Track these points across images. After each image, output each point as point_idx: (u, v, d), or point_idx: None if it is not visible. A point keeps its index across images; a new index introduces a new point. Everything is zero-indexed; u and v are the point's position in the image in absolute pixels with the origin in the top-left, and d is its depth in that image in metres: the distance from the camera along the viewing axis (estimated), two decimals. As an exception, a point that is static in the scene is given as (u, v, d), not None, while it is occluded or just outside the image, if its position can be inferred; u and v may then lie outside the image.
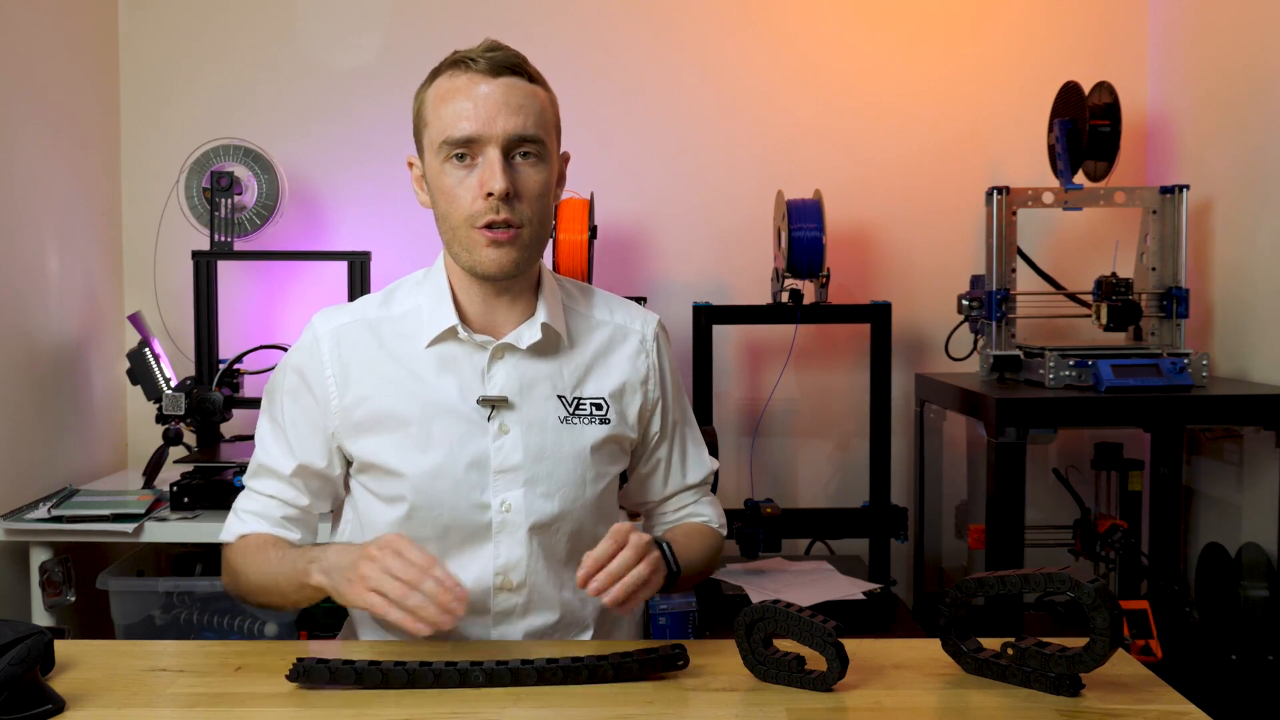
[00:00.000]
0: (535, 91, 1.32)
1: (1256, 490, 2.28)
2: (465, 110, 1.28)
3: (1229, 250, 2.43)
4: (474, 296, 1.37)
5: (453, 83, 1.30)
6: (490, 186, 1.27)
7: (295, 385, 1.40)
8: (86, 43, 2.56)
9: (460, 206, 1.30)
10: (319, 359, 1.38)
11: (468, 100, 1.28)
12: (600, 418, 1.39)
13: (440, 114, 1.30)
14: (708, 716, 1.09)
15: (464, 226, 1.30)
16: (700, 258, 2.73)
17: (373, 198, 2.70)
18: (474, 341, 1.36)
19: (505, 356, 1.37)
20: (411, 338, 1.38)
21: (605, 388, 1.40)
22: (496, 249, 1.29)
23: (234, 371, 2.44)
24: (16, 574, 2.18)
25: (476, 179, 1.28)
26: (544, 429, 1.36)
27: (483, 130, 1.27)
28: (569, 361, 1.40)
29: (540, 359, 1.38)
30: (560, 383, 1.38)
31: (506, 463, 1.35)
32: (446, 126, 1.28)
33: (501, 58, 1.30)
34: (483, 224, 1.29)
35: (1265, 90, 2.28)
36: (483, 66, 1.29)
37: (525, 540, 1.36)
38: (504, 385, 1.36)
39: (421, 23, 2.70)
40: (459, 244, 1.32)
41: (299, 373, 1.40)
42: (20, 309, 2.25)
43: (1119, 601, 1.28)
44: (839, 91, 2.72)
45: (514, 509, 1.35)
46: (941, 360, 2.63)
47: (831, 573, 2.40)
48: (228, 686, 1.17)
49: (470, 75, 1.29)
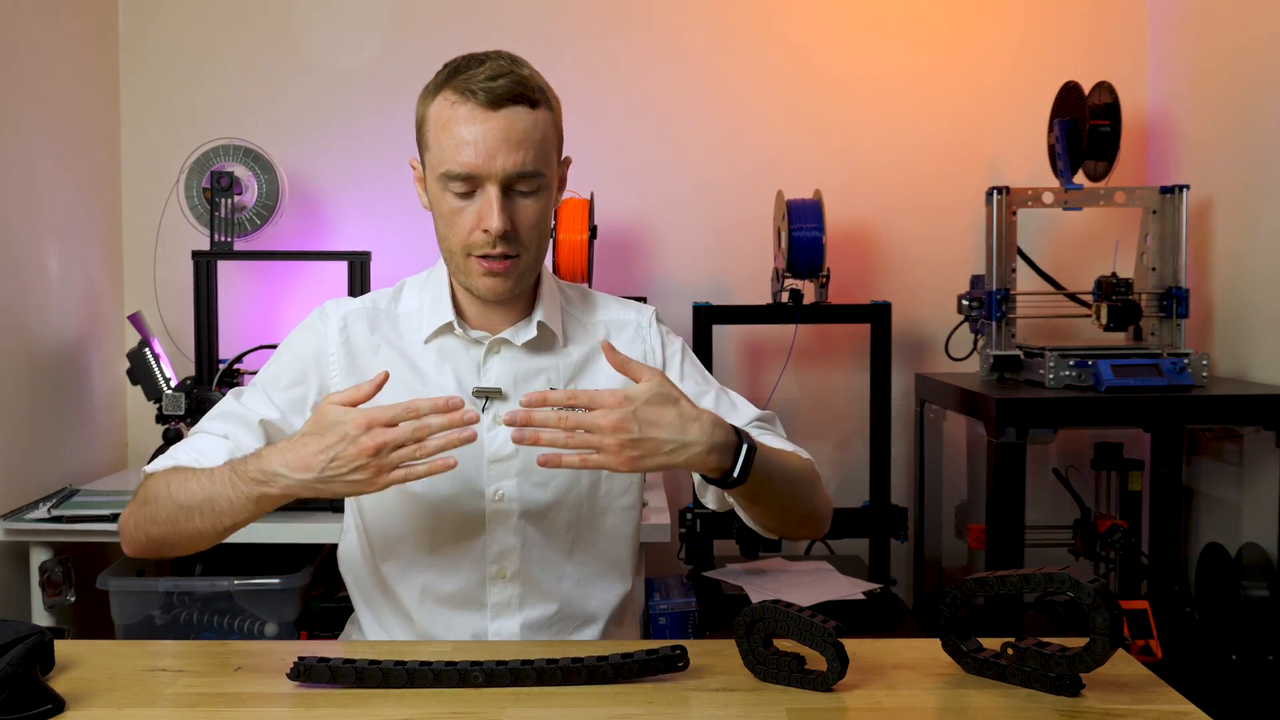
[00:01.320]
0: (537, 120, 1.29)
1: (1256, 490, 2.28)
2: (465, 146, 1.26)
3: (1229, 250, 2.43)
4: (472, 299, 1.39)
5: (454, 113, 1.28)
6: (487, 224, 1.28)
7: (295, 357, 1.40)
8: (86, 43, 2.56)
9: (458, 233, 1.31)
10: (326, 337, 1.40)
11: (468, 135, 1.26)
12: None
13: (440, 143, 1.29)
14: (708, 716, 1.09)
15: (460, 253, 1.32)
16: (700, 258, 2.73)
17: (373, 198, 2.70)
18: (470, 337, 1.38)
19: (501, 351, 1.39)
20: (413, 333, 1.41)
21: (601, 380, 1.41)
22: (493, 277, 1.31)
23: (234, 371, 2.44)
24: (16, 574, 2.18)
25: (475, 211, 1.29)
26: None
27: (481, 168, 1.27)
28: (565, 358, 1.42)
29: (536, 354, 1.40)
30: (555, 377, 1.40)
31: (500, 452, 1.36)
32: (446, 159, 1.28)
33: (503, 89, 1.26)
34: (480, 254, 1.30)
35: (1265, 90, 2.28)
36: (482, 100, 1.26)
37: (518, 529, 1.37)
38: (499, 378, 1.38)
39: (421, 23, 2.70)
40: (456, 266, 1.34)
41: (303, 346, 1.41)
42: (20, 309, 2.25)
43: (1119, 601, 1.27)
44: (839, 91, 2.72)
45: (507, 498, 1.36)
46: (941, 360, 2.63)
47: (831, 573, 2.40)
48: (228, 686, 1.17)
49: (470, 107, 1.26)
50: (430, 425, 1.15)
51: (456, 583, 1.38)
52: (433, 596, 1.38)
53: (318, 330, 1.41)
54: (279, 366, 1.41)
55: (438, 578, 1.38)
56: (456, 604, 1.38)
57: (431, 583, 1.38)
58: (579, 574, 1.42)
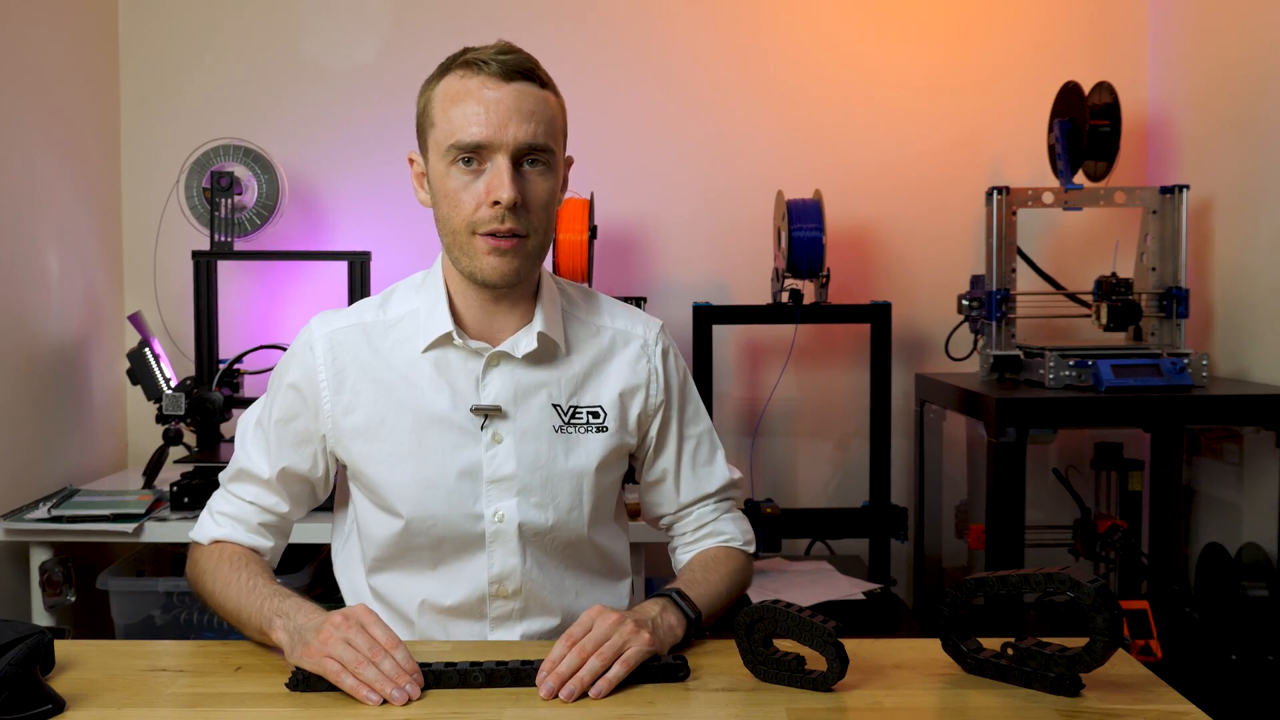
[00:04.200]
0: (546, 98, 1.28)
1: (1256, 490, 2.28)
2: (476, 115, 1.24)
3: (1229, 250, 2.43)
4: (471, 302, 1.34)
5: (463, 84, 1.26)
6: (498, 195, 1.24)
7: (287, 388, 1.38)
8: (86, 43, 2.56)
9: (463, 211, 1.26)
10: (313, 363, 1.36)
11: (478, 104, 1.24)
12: (597, 426, 1.36)
13: (449, 116, 1.26)
14: (708, 716, 1.09)
15: (465, 232, 1.27)
16: (700, 258, 2.73)
17: (373, 198, 2.70)
18: (469, 348, 1.33)
19: (500, 364, 1.34)
20: (407, 343, 1.35)
21: (603, 395, 1.38)
22: (499, 256, 1.26)
23: (234, 371, 2.44)
24: (16, 574, 2.18)
25: (483, 185, 1.25)
26: (538, 438, 1.33)
27: (493, 137, 1.24)
28: (566, 370, 1.37)
29: (536, 367, 1.35)
30: (556, 391, 1.35)
31: (499, 472, 1.33)
32: (455, 130, 1.25)
33: (515, 61, 1.25)
34: (486, 231, 1.26)
35: (1265, 90, 2.28)
36: (495, 70, 1.24)
37: (519, 550, 1.34)
38: (498, 393, 1.33)
39: (421, 23, 2.70)
40: (459, 249, 1.29)
41: (292, 375, 1.37)
42: (20, 309, 2.25)
43: (1119, 601, 1.27)
44: (839, 91, 2.72)
45: (507, 519, 1.33)
46: (941, 360, 2.63)
47: (831, 573, 2.40)
48: (228, 686, 1.17)
49: (482, 78, 1.25)
50: (380, 665, 1.13)
51: (457, 597, 1.36)
52: (433, 608, 1.37)
53: (304, 360, 1.37)
54: (274, 404, 1.39)
55: (439, 591, 1.36)
56: (458, 615, 1.37)
57: (432, 596, 1.37)
58: (579, 586, 1.41)
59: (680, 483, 1.46)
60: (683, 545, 1.49)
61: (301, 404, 1.37)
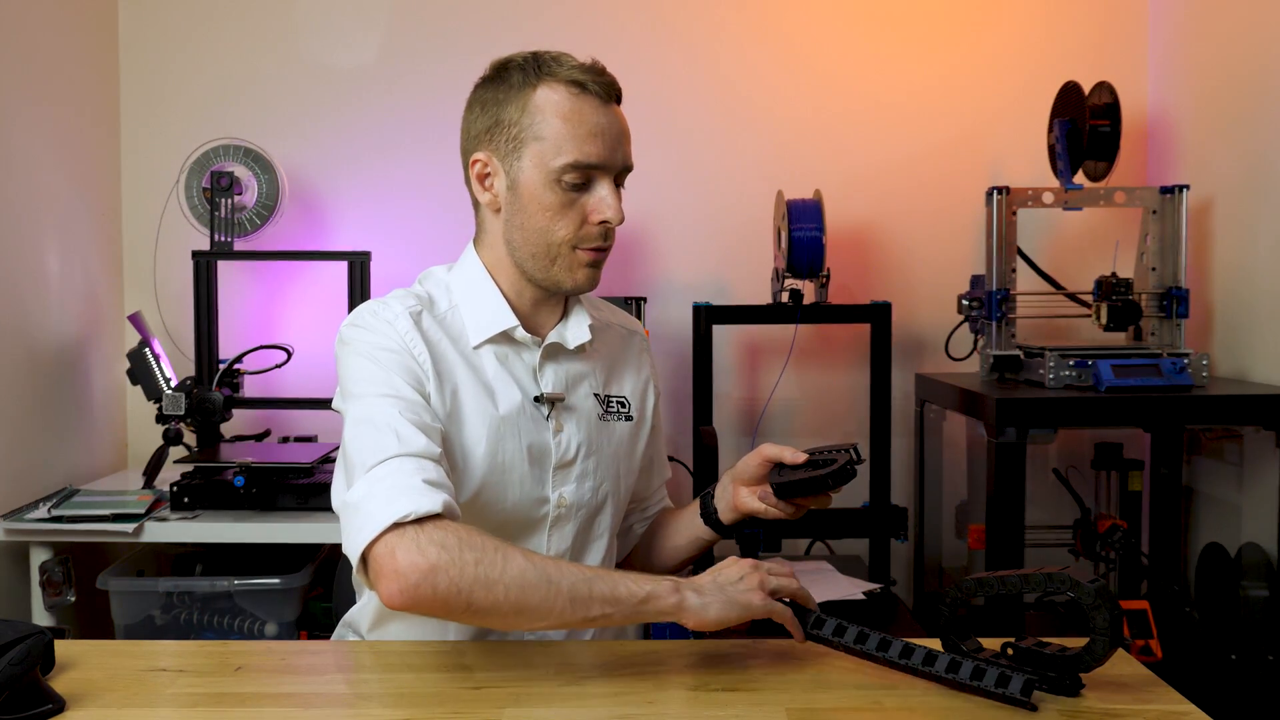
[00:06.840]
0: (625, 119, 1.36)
1: (1256, 490, 2.28)
2: (595, 138, 1.29)
3: (1229, 250, 2.43)
4: (526, 299, 1.38)
5: (577, 104, 1.29)
6: (607, 216, 1.31)
7: (402, 358, 1.29)
8: (86, 43, 2.57)
9: (568, 226, 1.31)
10: (412, 335, 1.31)
11: (596, 128, 1.29)
12: (625, 414, 1.46)
13: (561, 134, 1.28)
14: (708, 716, 1.09)
15: (565, 245, 1.32)
16: (700, 258, 2.73)
17: (373, 198, 2.70)
18: (528, 341, 1.37)
19: (553, 355, 1.40)
20: (462, 335, 1.35)
21: (626, 386, 1.48)
22: (594, 270, 1.34)
23: (234, 371, 2.44)
24: (16, 574, 2.18)
25: (590, 202, 1.31)
26: (589, 425, 1.41)
27: (608, 159, 1.31)
28: (599, 361, 1.45)
29: (578, 359, 1.42)
30: (594, 381, 1.43)
31: (565, 458, 1.38)
32: (576, 150, 1.28)
33: (614, 84, 1.33)
34: (591, 246, 1.32)
35: (1265, 90, 2.28)
36: (600, 92, 1.30)
37: (574, 532, 1.40)
38: (554, 383, 1.39)
39: (421, 23, 2.70)
40: (550, 258, 1.33)
41: (400, 345, 1.30)
42: (20, 309, 2.25)
43: (1119, 601, 1.27)
44: (839, 91, 2.72)
45: (568, 503, 1.39)
46: (941, 360, 2.63)
47: (832, 573, 2.40)
48: (228, 686, 1.17)
49: (594, 101, 1.30)
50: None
51: None
52: None
53: (402, 329, 1.31)
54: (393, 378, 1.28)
55: None
56: None
57: None
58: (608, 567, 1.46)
59: (654, 469, 1.57)
60: (641, 519, 1.60)
61: (415, 371, 1.30)
